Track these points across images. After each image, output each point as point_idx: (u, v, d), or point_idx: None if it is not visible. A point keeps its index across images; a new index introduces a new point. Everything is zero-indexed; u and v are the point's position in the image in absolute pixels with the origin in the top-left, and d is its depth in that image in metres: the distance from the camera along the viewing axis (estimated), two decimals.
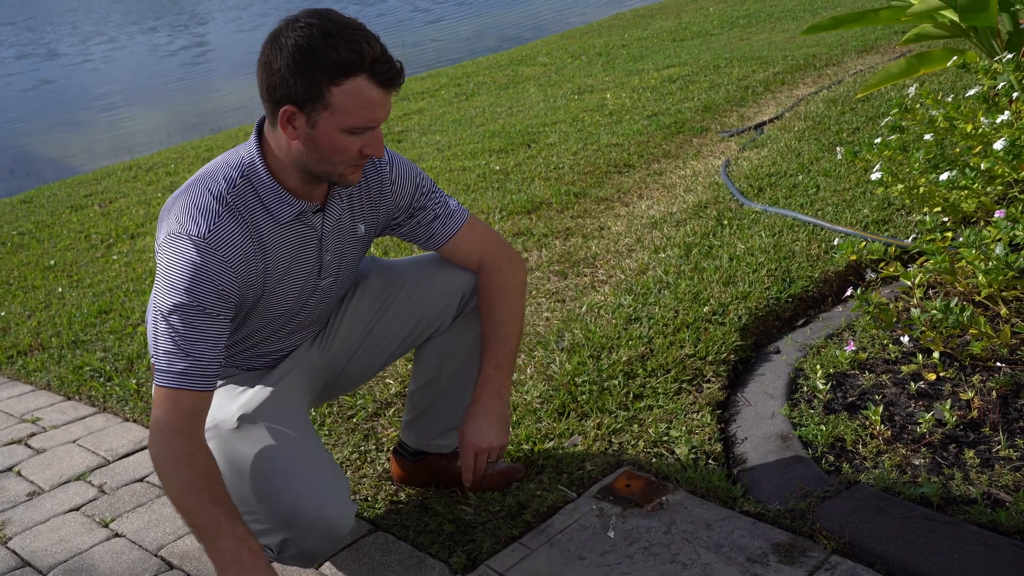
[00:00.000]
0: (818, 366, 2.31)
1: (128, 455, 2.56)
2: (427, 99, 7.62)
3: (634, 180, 4.21)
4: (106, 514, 2.27)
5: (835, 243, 2.77)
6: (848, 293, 2.44)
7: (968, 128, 2.90)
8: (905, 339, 2.33)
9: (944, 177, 2.70)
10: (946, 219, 2.79)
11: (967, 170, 2.67)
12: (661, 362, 2.45)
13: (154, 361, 1.55)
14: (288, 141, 1.57)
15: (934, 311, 2.19)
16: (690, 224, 3.44)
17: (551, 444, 2.21)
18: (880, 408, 2.05)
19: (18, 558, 2.13)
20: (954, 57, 3.56)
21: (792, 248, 3.02)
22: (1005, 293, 2.33)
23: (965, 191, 2.73)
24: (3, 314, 3.91)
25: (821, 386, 2.22)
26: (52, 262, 4.61)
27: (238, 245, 1.59)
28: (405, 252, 3.67)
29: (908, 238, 2.85)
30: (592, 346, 2.60)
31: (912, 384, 2.19)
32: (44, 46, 21.70)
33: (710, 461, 2.06)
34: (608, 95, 6.24)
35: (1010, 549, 1.63)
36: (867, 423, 2.07)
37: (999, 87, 3.10)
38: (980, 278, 2.29)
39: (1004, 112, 2.84)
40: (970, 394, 2.09)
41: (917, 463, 1.93)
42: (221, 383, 1.81)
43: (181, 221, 1.58)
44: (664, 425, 2.20)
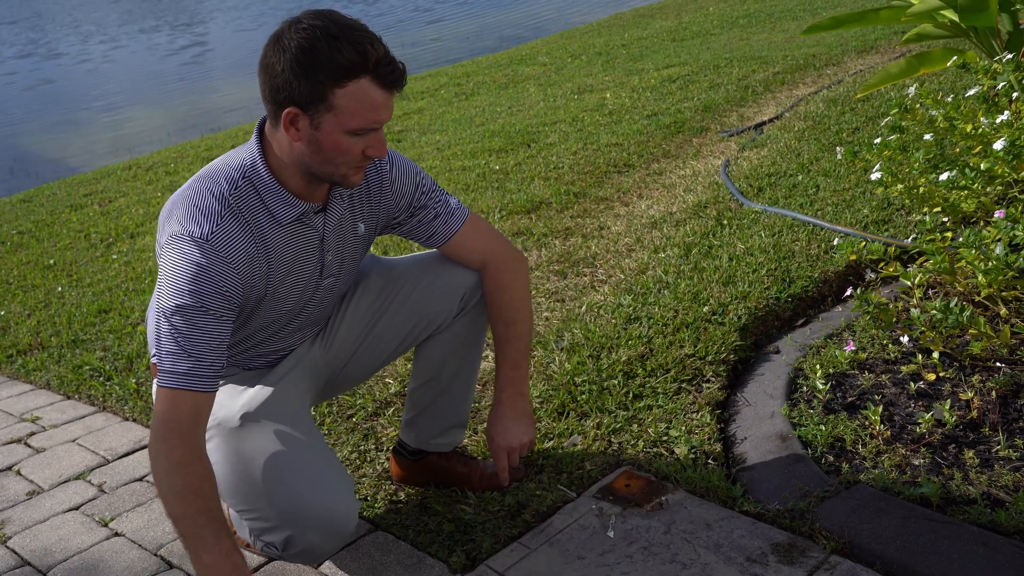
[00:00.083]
0: (818, 366, 2.31)
1: (128, 454, 2.56)
2: (427, 99, 7.62)
3: (634, 180, 4.21)
4: (106, 513, 2.27)
5: (835, 243, 2.77)
6: (848, 293, 2.44)
7: (968, 128, 2.90)
8: (905, 339, 2.33)
9: (944, 177, 2.70)
10: (946, 219, 2.79)
11: (967, 170, 2.67)
12: (661, 362, 2.45)
13: (157, 361, 1.55)
14: (291, 142, 1.57)
15: (934, 311, 2.19)
16: (690, 224, 3.44)
17: (551, 444, 2.21)
18: (880, 408, 2.05)
19: (18, 557, 2.13)
20: (954, 57, 3.56)
21: (792, 248, 3.02)
22: (1005, 293, 2.33)
23: (965, 191, 2.73)
24: (3, 313, 3.91)
25: (821, 386, 2.22)
26: (52, 261, 4.61)
27: (241, 246, 1.59)
28: (405, 251, 3.67)
29: (908, 238, 2.85)
30: (592, 346, 2.60)
31: (912, 384, 2.19)
32: (45, 45, 21.70)
33: (710, 461, 2.06)
34: (608, 95, 6.24)
35: (1009, 549, 1.63)
36: (867, 423, 2.07)
37: (999, 87, 3.10)
38: (980, 278, 2.29)
39: (1004, 112, 2.84)
40: (970, 394, 2.09)
41: (917, 463, 1.93)
42: (223, 383, 1.81)
43: (183, 223, 1.57)
44: (664, 425, 2.20)
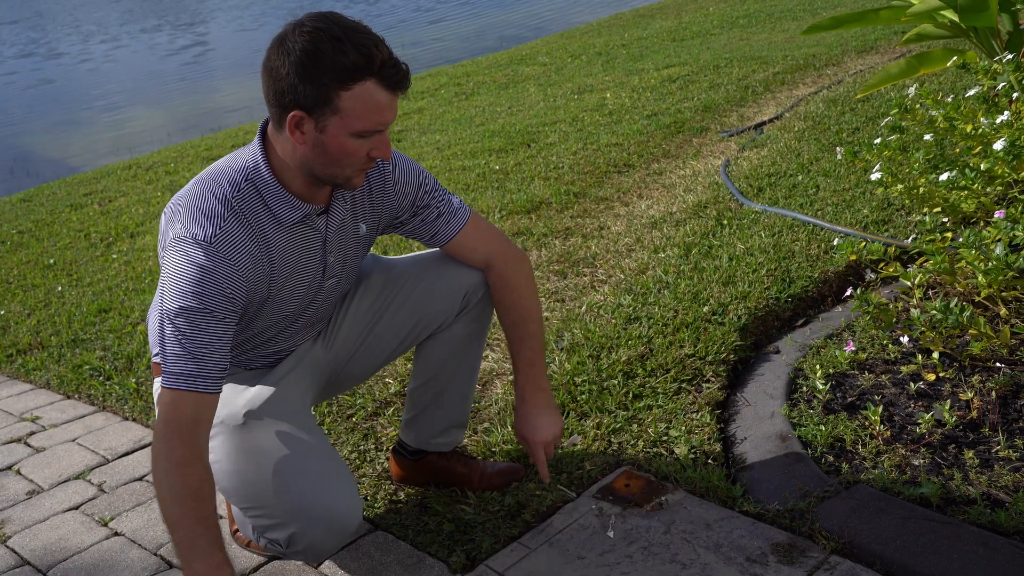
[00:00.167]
0: (818, 366, 2.31)
1: (127, 454, 2.56)
2: (427, 98, 7.62)
3: (634, 180, 4.21)
4: (105, 513, 2.27)
5: (835, 243, 2.77)
6: (848, 293, 2.44)
7: (968, 128, 2.90)
8: (905, 339, 2.33)
9: (944, 177, 2.70)
10: (946, 219, 2.79)
11: (967, 170, 2.67)
12: (660, 362, 2.45)
13: (160, 363, 1.55)
14: (295, 145, 1.57)
15: (934, 311, 2.19)
16: (690, 224, 3.44)
17: None
18: (879, 408, 2.05)
19: (17, 557, 2.13)
20: (954, 57, 3.56)
21: (792, 248, 3.02)
22: (1005, 293, 2.33)
23: (965, 191, 2.73)
24: (3, 313, 3.91)
25: (821, 386, 2.22)
26: (52, 261, 4.61)
27: (244, 249, 1.59)
28: (406, 250, 3.67)
29: (908, 238, 2.85)
30: (592, 346, 2.60)
31: (912, 384, 2.19)
32: (45, 45, 21.69)
33: (709, 461, 2.06)
34: (608, 95, 6.24)
35: (1009, 549, 1.63)
36: (867, 423, 2.07)
37: (999, 87, 3.10)
38: (980, 278, 2.29)
39: (1004, 112, 2.84)
40: (969, 394, 2.09)
41: (916, 463, 1.93)
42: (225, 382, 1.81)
43: (187, 225, 1.58)
44: (663, 425, 2.20)
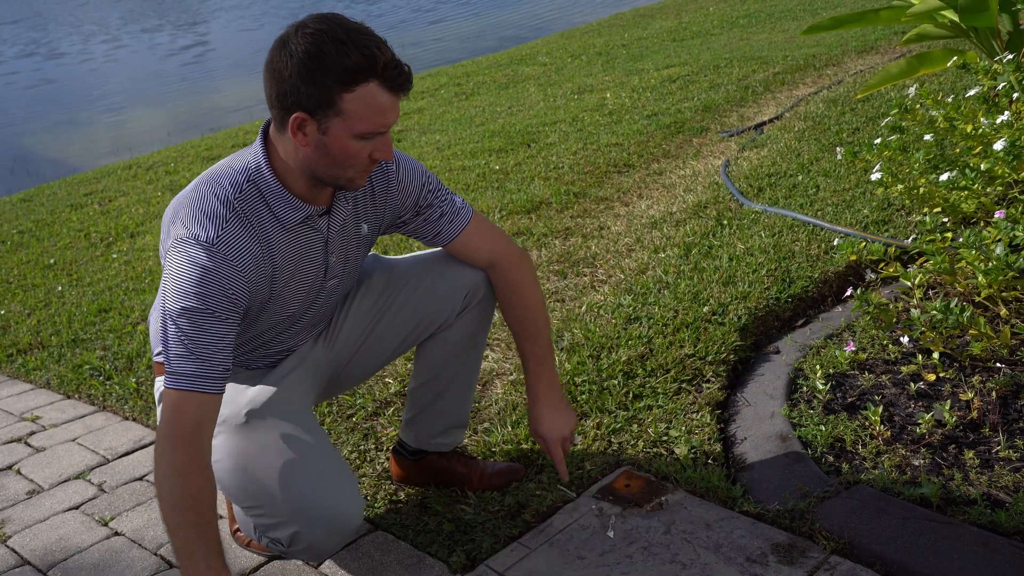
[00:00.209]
0: (818, 366, 2.31)
1: (128, 454, 2.56)
2: (427, 98, 7.62)
3: (634, 180, 4.21)
4: (105, 513, 2.27)
5: (835, 243, 2.77)
6: (848, 293, 2.44)
7: (968, 128, 2.90)
8: (905, 340, 2.33)
9: (944, 178, 2.70)
10: (946, 220, 2.79)
11: (967, 171, 2.67)
12: (661, 362, 2.45)
13: (164, 364, 1.56)
14: (297, 147, 1.57)
15: (934, 312, 2.19)
16: (690, 224, 3.44)
17: None
18: (880, 408, 2.05)
19: (17, 556, 2.13)
20: (954, 57, 3.56)
21: (792, 248, 3.02)
22: (1005, 294, 2.33)
23: (965, 192, 2.73)
24: (3, 312, 3.91)
25: (821, 386, 2.22)
26: (52, 261, 4.61)
27: (246, 250, 1.59)
28: (406, 250, 3.67)
29: (908, 238, 2.85)
30: (592, 346, 2.60)
31: (912, 384, 2.19)
32: (46, 45, 21.68)
33: (709, 461, 2.06)
34: (608, 95, 6.24)
35: (1010, 550, 1.63)
36: (867, 423, 2.07)
37: (999, 87, 3.10)
38: (980, 279, 2.29)
39: (1004, 113, 2.85)
40: (970, 395, 2.09)
41: (917, 463, 1.93)
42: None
43: (189, 226, 1.58)
44: (664, 425, 2.20)
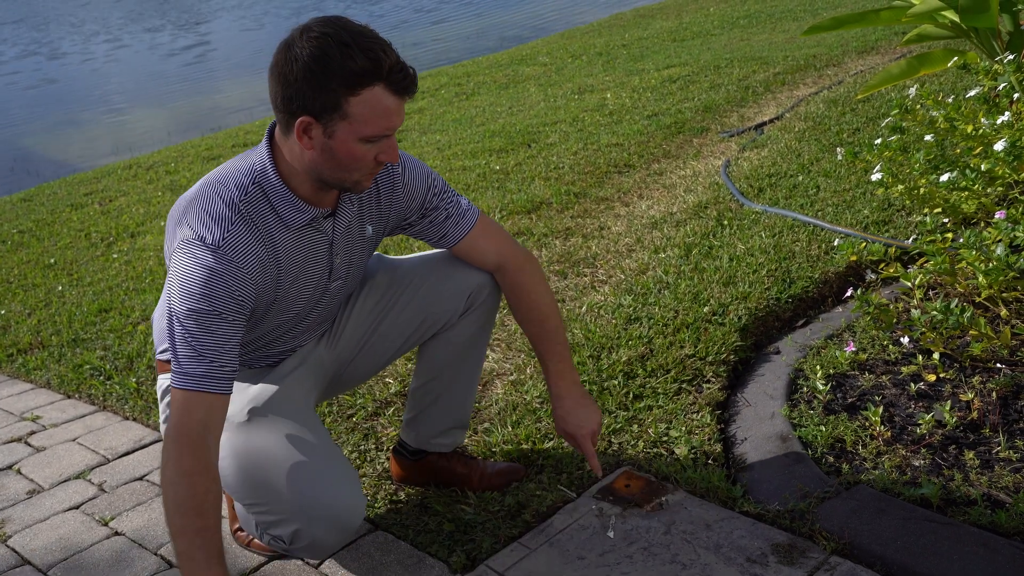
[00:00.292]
0: (818, 367, 2.31)
1: (128, 453, 2.56)
2: (427, 98, 7.62)
3: (634, 180, 4.21)
4: (106, 512, 2.27)
5: (835, 244, 2.77)
6: (848, 294, 2.44)
7: (968, 129, 2.90)
8: (905, 340, 2.33)
9: (944, 178, 2.70)
10: (946, 220, 2.79)
11: (967, 171, 2.67)
12: (661, 362, 2.45)
13: (172, 363, 1.56)
14: (303, 150, 1.57)
15: (934, 312, 2.19)
16: (690, 224, 3.44)
17: (551, 444, 2.21)
18: (880, 409, 2.05)
19: (17, 556, 2.13)
20: (955, 58, 3.56)
21: (792, 249, 3.02)
22: (1005, 294, 2.33)
23: (965, 192, 2.73)
24: (3, 312, 3.91)
25: (821, 387, 2.22)
26: (52, 260, 4.61)
27: (252, 252, 1.60)
28: (406, 250, 3.67)
29: (908, 239, 2.85)
30: (592, 346, 2.60)
31: (912, 385, 2.19)
32: (48, 45, 21.68)
33: (710, 461, 2.06)
34: (608, 95, 6.24)
35: (1010, 550, 1.63)
36: (867, 424, 2.07)
37: (1000, 88, 3.10)
38: (980, 279, 2.29)
39: (1005, 113, 2.84)
40: (970, 395, 2.09)
41: (917, 464, 1.93)
42: None
43: (195, 228, 1.58)
44: (664, 425, 2.20)
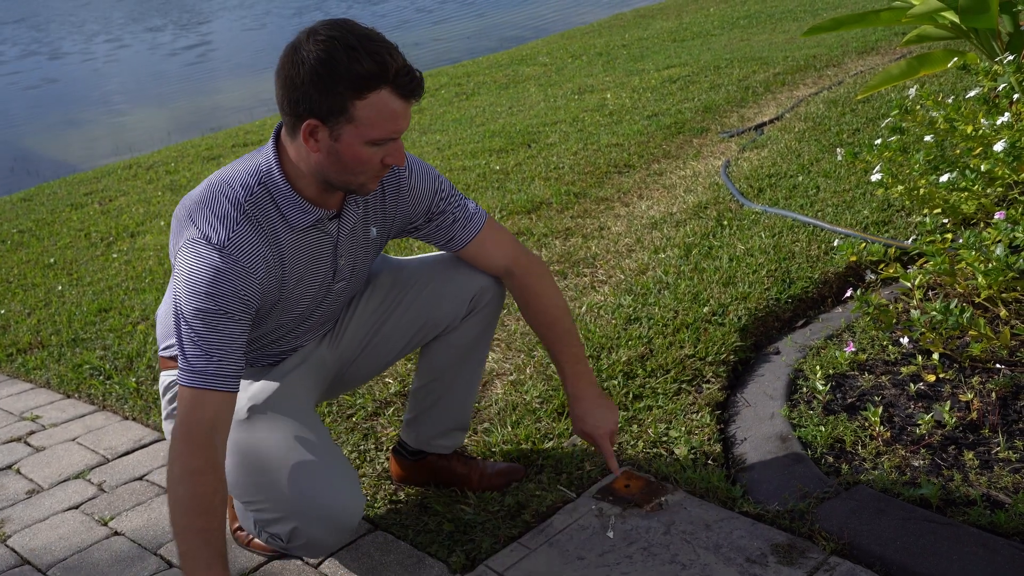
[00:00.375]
0: (817, 367, 2.31)
1: (127, 453, 2.56)
2: (427, 98, 7.62)
3: (634, 180, 4.21)
4: (105, 512, 2.27)
5: (835, 244, 2.77)
6: (848, 294, 2.44)
7: (968, 130, 2.90)
8: (905, 340, 2.33)
9: (944, 179, 2.70)
10: (946, 220, 2.79)
11: (967, 172, 2.67)
12: (661, 362, 2.45)
13: (179, 361, 1.57)
14: (309, 153, 1.57)
15: (934, 313, 2.19)
16: (690, 225, 3.44)
17: (550, 444, 2.21)
18: (879, 409, 2.05)
19: (17, 556, 2.13)
20: (955, 59, 3.56)
21: (792, 249, 3.02)
22: (1005, 295, 2.33)
23: (965, 193, 2.73)
24: (3, 312, 3.91)
25: (820, 387, 2.22)
26: (52, 260, 4.61)
27: (257, 252, 1.60)
28: (407, 251, 3.67)
29: (908, 239, 2.85)
30: (592, 346, 2.60)
31: (912, 385, 2.19)
32: (48, 45, 21.68)
33: (709, 461, 2.06)
34: (608, 95, 6.24)
35: (1009, 551, 1.63)
36: (866, 424, 2.07)
37: (999, 89, 3.10)
38: (980, 280, 2.29)
39: (1004, 114, 2.85)
40: (969, 396, 2.09)
41: (916, 464, 1.93)
42: None
43: (201, 227, 1.58)
44: (663, 425, 2.20)
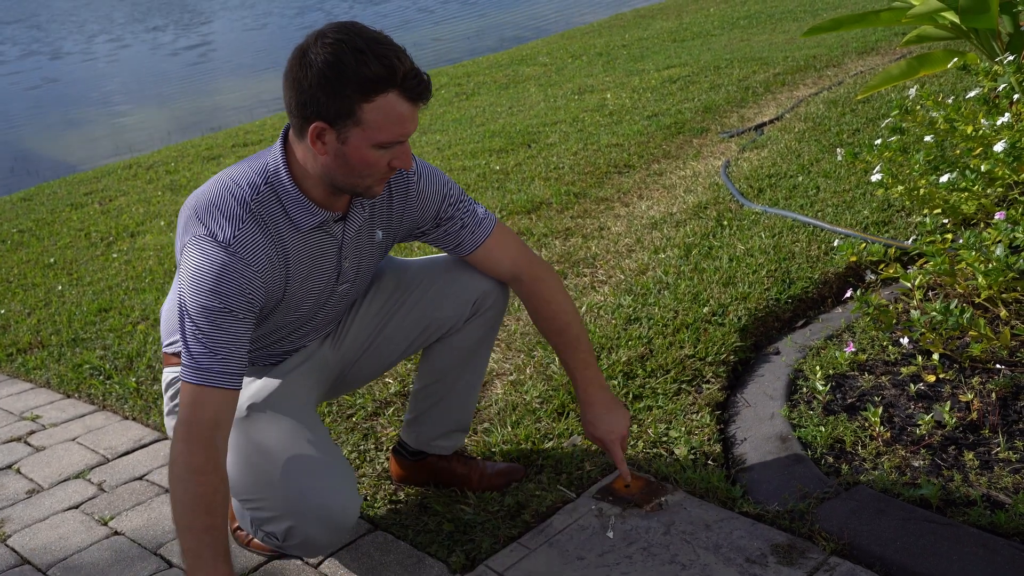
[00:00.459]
0: (817, 367, 2.31)
1: (127, 453, 2.56)
2: None
3: (634, 180, 4.21)
4: (105, 512, 2.27)
5: (835, 244, 2.77)
6: (848, 294, 2.44)
7: (968, 130, 2.90)
8: (905, 341, 2.33)
9: (944, 179, 2.70)
10: (946, 221, 2.79)
11: (967, 172, 2.67)
12: (661, 363, 2.45)
13: (183, 357, 1.57)
14: (316, 155, 1.57)
15: (934, 313, 2.19)
16: (690, 225, 3.44)
17: (550, 444, 2.21)
18: (879, 409, 2.05)
19: (17, 556, 2.13)
20: (955, 59, 3.56)
21: (792, 249, 3.02)
22: (1005, 295, 2.33)
23: (965, 193, 2.73)
24: (3, 312, 3.91)
25: (820, 387, 2.22)
26: (52, 260, 4.61)
27: (262, 251, 1.60)
28: (407, 252, 3.67)
29: (908, 240, 2.85)
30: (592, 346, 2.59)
31: (912, 386, 2.19)
32: (49, 44, 21.67)
33: (709, 462, 2.06)
34: (608, 95, 6.24)
35: (1009, 551, 1.63)
36: (866, 424, 2.07)
37: (999, 89, 3.10)
38: (980, 280, 2.29)
39: (1004, 114, 2.85)
40: (969, 396, 2.09)
41: (916, 464, 1.93)
42: None
43: (207, 225, 1.59)
44: (663, 426, 2.20)
